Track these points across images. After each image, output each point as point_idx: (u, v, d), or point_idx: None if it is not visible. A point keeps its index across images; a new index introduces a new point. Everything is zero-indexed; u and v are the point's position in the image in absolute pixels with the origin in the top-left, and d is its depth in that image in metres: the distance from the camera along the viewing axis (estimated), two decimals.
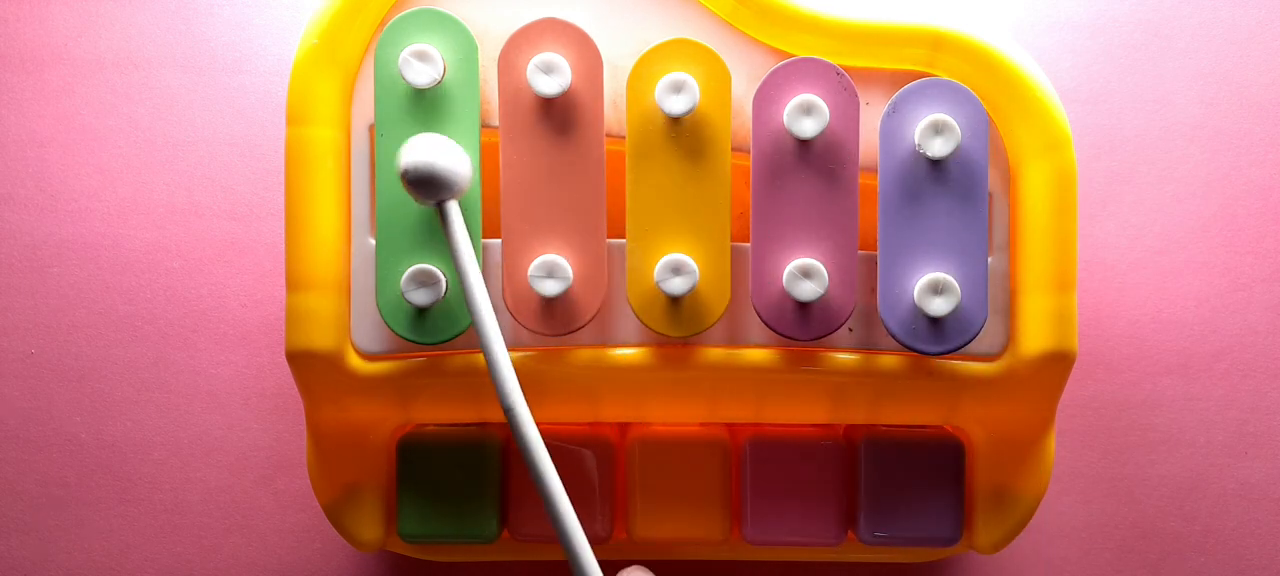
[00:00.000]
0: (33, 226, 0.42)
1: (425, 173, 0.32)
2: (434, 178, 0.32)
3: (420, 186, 0.32)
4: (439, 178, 0.32)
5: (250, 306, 0.42)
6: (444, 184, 0.32)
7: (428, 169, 0.32)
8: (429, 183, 0.32)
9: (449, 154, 0.32)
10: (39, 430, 0.42)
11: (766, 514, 0.37)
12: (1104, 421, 0.43)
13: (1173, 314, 0.42)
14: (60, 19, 0.42)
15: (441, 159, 0.32)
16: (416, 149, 0.32)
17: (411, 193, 0.32)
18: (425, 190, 0.32)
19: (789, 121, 0.34)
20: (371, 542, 0.38)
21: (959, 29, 0.35)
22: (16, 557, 0.42)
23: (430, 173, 0.32)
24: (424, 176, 0.32)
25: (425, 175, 0.32)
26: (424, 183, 0.32)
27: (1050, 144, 0.35)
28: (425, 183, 0.32)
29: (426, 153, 0.32)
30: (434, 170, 0.32)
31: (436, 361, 0.36)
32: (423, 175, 0.32)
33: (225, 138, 0.42)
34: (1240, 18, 0.43)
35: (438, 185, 0.32)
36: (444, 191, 0.32)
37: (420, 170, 0.32)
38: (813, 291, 0.34)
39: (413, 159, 0.32)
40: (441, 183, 0.32)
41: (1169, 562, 0.43)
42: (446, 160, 0.32)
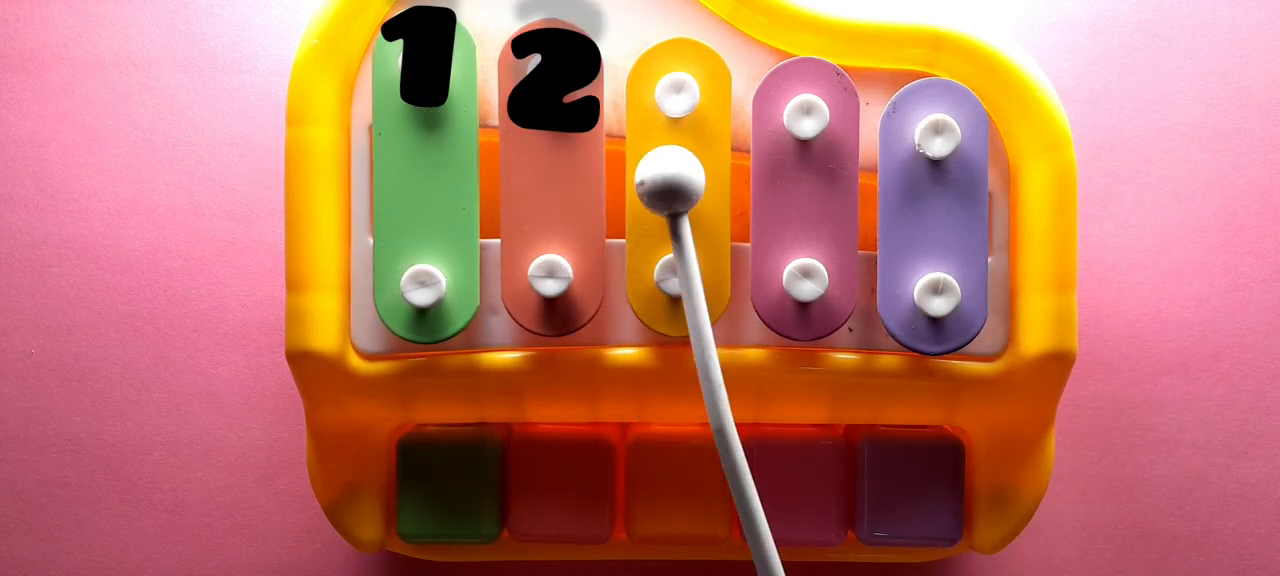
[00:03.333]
0: (33, 226, 0.42)
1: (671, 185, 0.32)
2: (678, 190, 0.32)
3: (662, 197, 0.32)
4: (683, 190, 0.32)
5: (250, 306, 0.42)
6: (686, 196, 0.32)
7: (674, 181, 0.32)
8: (672, 194, 0.32)
9: (691, 166, 0.32)
10: (39, 430, 0.42)
11: (766, 514, 0.37)
12: (1104, 421, 0.43)
13: (1173, 314, 0.42)
14: (60, 19, 0.42)
15: (686, 171, 0.32)
16: (662, 161, 0.32)
17: (649, 202, 0.33)
18: (665, 201, 0.32)
19: (789, 121, 0.34)
20: (371, 542, 0.38)
21: (959, 29, 0.35)
22: (16, 557, 0.42)
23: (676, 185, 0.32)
24: (669, 188, 0.32)
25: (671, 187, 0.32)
26: (668, 194, 0.32)
27: (1050, 144, 0.35)
28: (669, 194, 0.32)
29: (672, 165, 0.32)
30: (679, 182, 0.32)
31: (436, 361, 0.36)
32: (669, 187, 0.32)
33: (225, 138, 0.42)
34: (1240, 18, 0.43)
35: (680, 197, 0.32)
36: (682, 203, 0.32)
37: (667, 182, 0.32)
38: (813, 291, 0.34)
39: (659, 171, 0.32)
40: (683, 195, 0.32)
41: (1169, 562, 0.43)
42: (691, 173, 0.32)
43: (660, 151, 0.33)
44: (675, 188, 0.32)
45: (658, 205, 0.32)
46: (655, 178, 0.32)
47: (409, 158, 0.34)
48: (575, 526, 0.37)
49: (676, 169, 0.32)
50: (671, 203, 0.32)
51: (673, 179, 0.32)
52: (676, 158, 0.32)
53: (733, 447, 0.32)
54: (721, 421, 0.32)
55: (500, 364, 0.36)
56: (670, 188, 0.32)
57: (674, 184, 0.32)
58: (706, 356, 0.32)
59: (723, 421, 0.32)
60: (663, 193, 0.32)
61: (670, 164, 0.32)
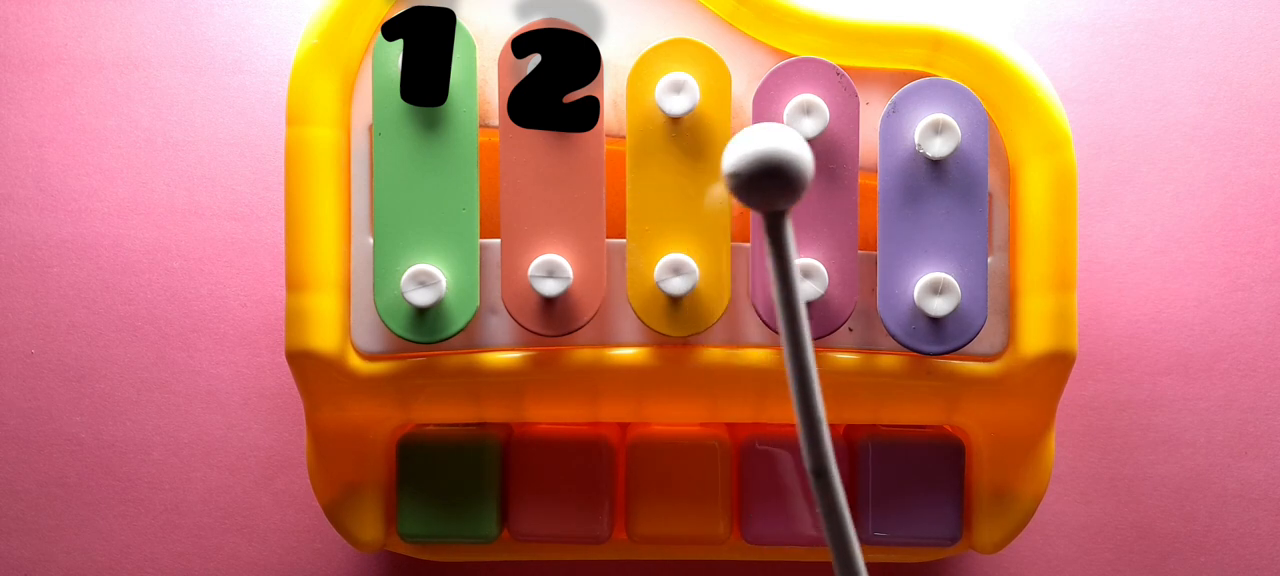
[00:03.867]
0: (33, 226, 0.42)
1: (777, 167, 0.24)
2: (787, 175, 0.24)
3: (764, 182, 0.24)
4: (793, 177, 0.25)
5: (250, 306, 0.42)
6: (794, 189, 0.25)
7: (779, 164, 0.24)
8: (779, 180, 0.25)
9: (800, 147, 0.25)
10: (39, 430, 0.42)
11: (766, 514, 0.37)
12: (1104, 421, 0.43)
13: (1173, 314, 0.42)
14: (60, 19, 0.42)
15: (794, 151, 0.24)
16: (765, 139, 0.24)
17: (745, 190, 0.25)
18: (765, 193, 0.25)
19: (789, 121, 0.34)
20: (371, 542, 0.38)
21: (959, 29, 0.35)
22: (16, 557, 0.42)
23: (782, 168, 0.24)
24: (777, 168, 0.24)
25: (776, 170, 0.24)
26: (773, 177, 0.24)
27: (1050, 144, 0.35)
28: (775, 179, 0.24)
29: (779, 143, 0.24)
30: (786, 165, 0.24)
31: (436, 361, 0.36)
32: (773, 168, 0.24)
33: (225, 138, 0.42)
34: (1240, 18, 0.43)
35: (787, 188, 0.25)
36: (786, 198, 0.25)
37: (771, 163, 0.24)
38: (813, 291, 0.34)
39: (761, 149, 0.24)
40: (792, 185, 0.25)
41: (1169, 562, 0.43)
42: (800, 154, 0.24)
43: (760, 129, 0.25)
44: (782, 172, 0.24)
45: (755, 197, 0.25)
46: (756, 158, 0.24)
47: (409, 158, 0.34)
48: (575, 526, 0.37)
49: (783, 147, 0.24)
50: (772, 195, 0.25)
51: (778, 160, 0.24)
52: (782, 136, 0.25)
53: (835, 491, 0.26)
54: (823, 463, 0.26)
55: (500, 364, 0.36)
56: (775, 170, 0.24)
57: (780, 167, 0.24)
58: (809, 392, 0.26)
59: (825, 463, 0.26)
60: (771, 175, 0.24)
61: (776, 141, 0.24)
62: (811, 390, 0.26)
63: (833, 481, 0.27)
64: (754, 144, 0.24)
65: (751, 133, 0.25)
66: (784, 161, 0.24)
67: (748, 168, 0.25)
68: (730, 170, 0.25)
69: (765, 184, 0.25)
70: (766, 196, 0.25)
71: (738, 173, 0.25)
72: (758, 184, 0.25)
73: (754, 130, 0.25)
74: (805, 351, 0.26)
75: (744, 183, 0.25)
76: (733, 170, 0.25)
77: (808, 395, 0.26)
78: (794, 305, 0.26)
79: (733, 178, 0.25)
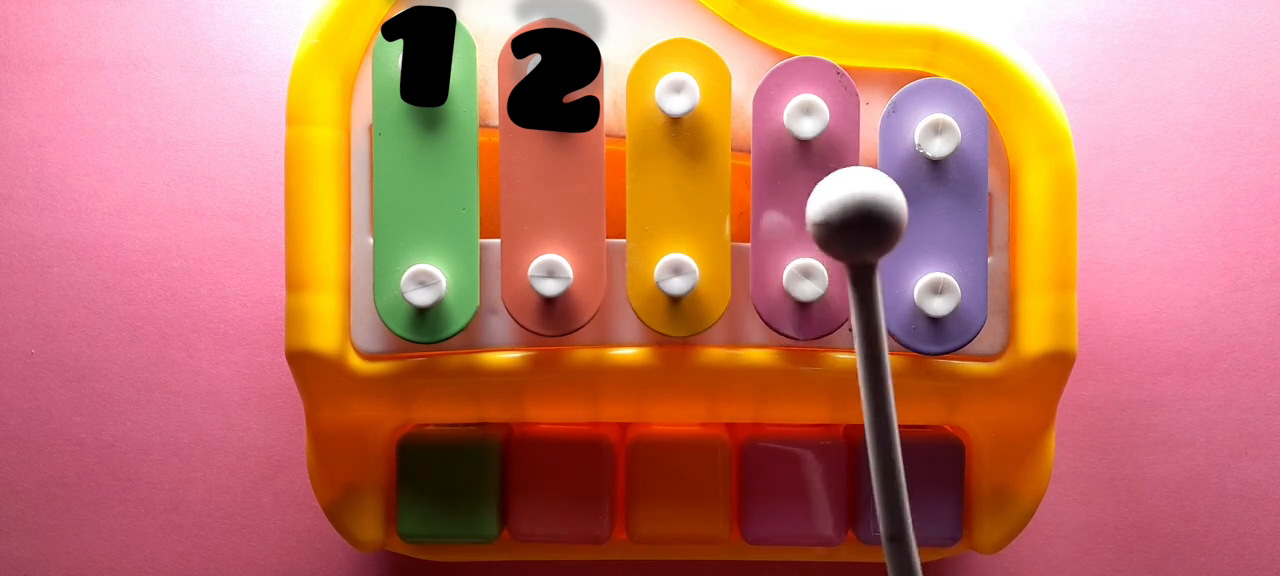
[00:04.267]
0: (33, 226, 0.42)
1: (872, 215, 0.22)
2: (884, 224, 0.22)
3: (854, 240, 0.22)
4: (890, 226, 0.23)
5: (250, 306, 0.42)
6: (889, 241, 0.23)
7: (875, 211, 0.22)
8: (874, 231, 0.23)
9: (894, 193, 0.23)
10: (39, 430, 0.42)
11: (766, 514, 0.37)
12: (1104, 421, 0.43)
13: (1173, 314, 0.42)
14: (60, 19, 0.42)
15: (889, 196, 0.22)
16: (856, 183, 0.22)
17: (833, 241, 0.23)
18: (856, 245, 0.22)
19: (789, 121, 0.34)
20: (371, 542, 0.38)
21: (959, 29, 0.35)
22: (16, 557, 0.42)
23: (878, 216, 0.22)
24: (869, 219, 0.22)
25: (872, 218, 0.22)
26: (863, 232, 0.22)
27: (1050, 144, 0.35)
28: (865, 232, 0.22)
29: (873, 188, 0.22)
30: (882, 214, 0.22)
31: (436, 361, 0.36)
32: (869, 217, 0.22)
33: (225, 138, 0.42)
34: (1240, 18, 0.43)
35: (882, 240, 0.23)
36: (878, 247, 0.23)
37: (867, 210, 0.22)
38: (813, 291, 0.34)
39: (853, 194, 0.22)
40: (887, 237, 0.23)
41: (1169, 562, 0.43)
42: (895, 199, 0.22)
43: (852, 173, 0.23)
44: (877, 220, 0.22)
45: (841, 248, 0.23)
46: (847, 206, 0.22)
47: (409, 158, 0.34)
48: (575, 526, 0.37)
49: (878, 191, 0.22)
50: (863, 247, 0.23)
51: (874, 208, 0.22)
52: (877, 182, 0.22)
53: (910, 557, 0.25)
54: (900, 529, 0.25)
55: (500, 364, 0.36)
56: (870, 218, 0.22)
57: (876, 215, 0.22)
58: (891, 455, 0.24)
59: (903, 529, 0.25)
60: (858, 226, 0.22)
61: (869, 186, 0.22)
62: (894, 454, 0.24)
63: (909, 548, 0.25)
64: (847, 189, 0.22)
65: (844, 177, 0.22)
66: (880, 209, 0.22)
67: (839, 216, 0.22)
68: (819, 218, 0.22)
69: (858, 234, 0.22)
70: (857, 248, 0.22)
71: (827, 222, 0.22)
72: (849, 234, 0.22)
73: (846, 175, 0.22)
74: (890, 416, 0.23)
75: (834, 232, 0.22)
76: (822, 219, 0.22)
77: (890, 459, 0.24)
78: (881, 368, 0.23)
79: (821, 227, 0.22)
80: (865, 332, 0.23)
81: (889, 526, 0.25)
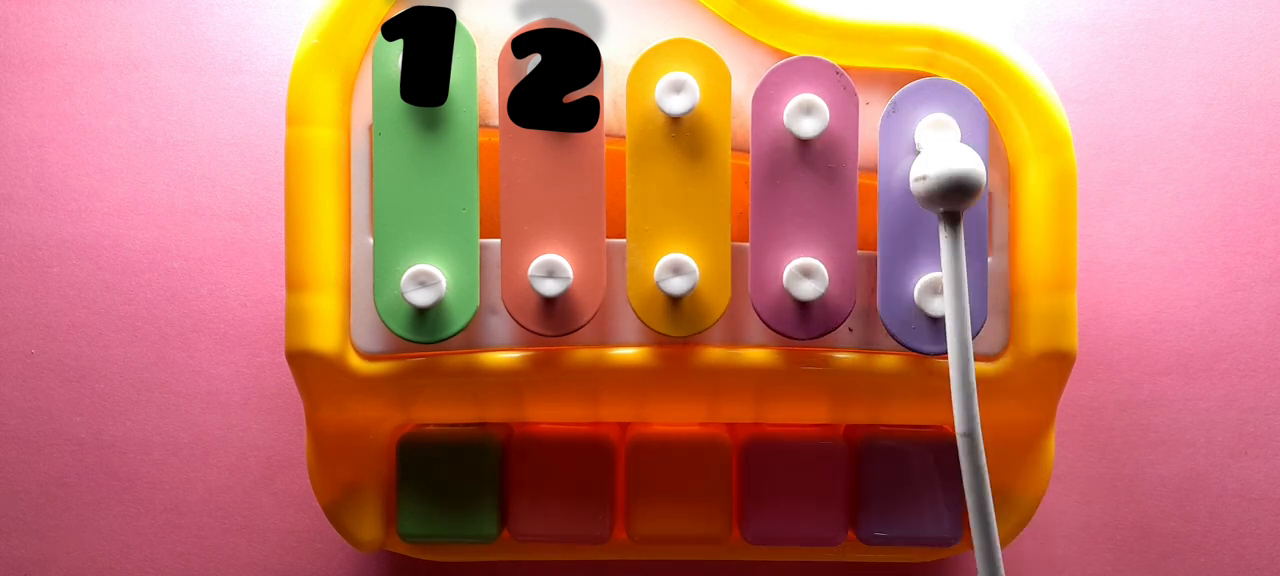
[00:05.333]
0: (33, 226, 0.42)
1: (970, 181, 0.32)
2: (971, 187, 0.32)
3: (955, 194, 0.32)
4: (974, 187, 0.32)
5: (250, 306, 0.42)
6: (972, 191, 0.32)
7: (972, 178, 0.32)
8: (964, 192, 0.32)
9: (977, 161, 0.32)
10: (39, 430, 0.42)
11: (766, 514, 0.37)
12: (1104, 421, 0.43)
13: (1173, 314, 0.42)
14: (60, 19, 0.42)
15: (976, 166, 0.32)
16: (961, 156, 0.32)
17: (937, 200, 0.32)
18: (953, 199, 0.32)
19: (789, 121, 0.34)
20: (371, 542, 0.38)
21: (959, 29, 0.35)
22: (16, 557, 0.42)
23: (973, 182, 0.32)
24: (967, 185, 0.32)
25: (962, 182, 0.32)
26: (961, 191, 0.32)
27: (1050, 144, 0.35)
28: (962, 191, 0.32)
29: (970, 160, 0.32)
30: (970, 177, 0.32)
31: (436, 361, 0.36)
32: (966, 183, 0.32)
33: (225, 138, 0.42)
34: (1240, 18, 0.43)
35: (968, 194, 0.32)
36: (966, 197, 0.32)
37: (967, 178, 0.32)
38: (813, 291, 0.34)
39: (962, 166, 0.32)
40: (972, 191, 0.32)
41: (1169, 562, 0.43)
42: (978, 166, 0.32)
43: (957, 147, 0.32)
44: (964, 184, 0.32)
45: (945, 201, 0.32)
46: (944, 173, 0.32)
47: (409, 158, 0.34)
48: (575, 526, 0.37)
49: (968, 165, 0.32)
50: (959, 199, 0.32)
51: (963, 176, 0.31)
52: (966, 155, 0.32)
53: (978, 452, 0.32)
54: (970, 426, 0.32)
55: (500, 364, 0.36)
56: (959, 184, 0.32)
57: (963, 181, 0.31)
58: (965, 363, 0.32)
59: (973, 426, 0.32)
60: (950, 189, 0.32)
61: (962, 160, 0.32)
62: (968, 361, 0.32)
63: (977, 443, 0.32)
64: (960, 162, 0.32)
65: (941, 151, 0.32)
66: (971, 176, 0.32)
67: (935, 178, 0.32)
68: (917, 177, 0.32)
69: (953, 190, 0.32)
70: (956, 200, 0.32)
71: (923, 178, 0.32)
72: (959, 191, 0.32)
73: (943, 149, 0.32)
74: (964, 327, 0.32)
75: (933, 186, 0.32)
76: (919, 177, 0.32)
77: (965, 366, 0.32)
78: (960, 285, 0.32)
79: (920, 180, 0.32)
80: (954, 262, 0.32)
81: (961, 424, 0.32)
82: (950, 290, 0.32)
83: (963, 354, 0.32)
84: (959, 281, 0.32)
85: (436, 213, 0.34)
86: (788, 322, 0.35)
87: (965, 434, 0.32)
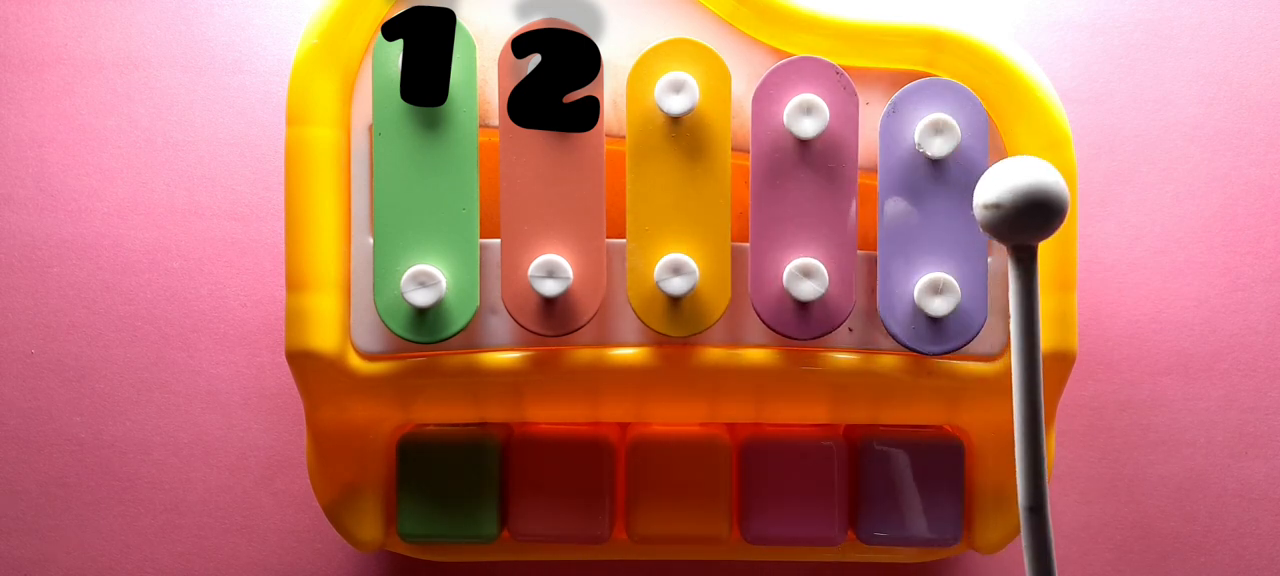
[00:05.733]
0: (33, 226, 0.42)
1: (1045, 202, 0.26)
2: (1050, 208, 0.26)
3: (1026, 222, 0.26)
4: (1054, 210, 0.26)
5: (250, 306, 0.42)
6: (1054, 219, 0.26)
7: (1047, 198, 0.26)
8: (1042, 216, 0.26)
9: (1060, 182, 0.26)
10: (39, 430, 0.42)
11: (766, 514, 0.37)
12: (1104, 421, 0.43)
13: (1173, 314, 0.42)
14: (60, 19, 0.42)
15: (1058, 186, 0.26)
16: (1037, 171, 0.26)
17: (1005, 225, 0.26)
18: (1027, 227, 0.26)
19: (789, 121, 0.34)
20: (371, 542, 0.38)
21: (959, 29, 0.35)
22: (16, 557, 0.42)
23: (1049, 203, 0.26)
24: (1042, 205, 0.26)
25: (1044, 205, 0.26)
26: (1036, 216, 0.26)
27: (1050, 144, 0.35)
28: (1038, 216, 0.26)
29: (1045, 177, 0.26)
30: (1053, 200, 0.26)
31: (436, 361, 0.36)
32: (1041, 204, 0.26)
33: (225, 138, 0.42)
34: (1240, 18, 0.43)
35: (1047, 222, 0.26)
36: (1044, 230, 0.26)
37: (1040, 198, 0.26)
38: (813, 291, 0.34)
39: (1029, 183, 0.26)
40: (1053, 217, 0.26)
41: (1169, 562, 0.43)
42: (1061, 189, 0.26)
43: (1021, 163, 0.26)
44: (1048, 206, 0.25)
45: (1010, 232, 0.26)
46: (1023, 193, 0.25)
47: (409, 158, 0.34)
48: (575, 526, 0.37)
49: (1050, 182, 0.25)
50: (1032, 230, 0.26)
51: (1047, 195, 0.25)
52: (1045, 171, 0.26)
53: (1045, 530, 0.28)
54: (1038, 500, 0.28)
55: (500, 364, 0.36)
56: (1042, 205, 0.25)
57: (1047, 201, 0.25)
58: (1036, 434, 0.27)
59: (1041, 500, 0.28)
60: (1031, 212, 0.25)
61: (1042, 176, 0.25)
62: (1039, 426, 0.27)
63: (1046, 519, 0.28)
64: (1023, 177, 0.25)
65: (1018, 166, 0.26)
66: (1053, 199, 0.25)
67: (1010, 204, 0.25)
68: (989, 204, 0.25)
69: (1034, 218, 0.25)
70: (1027, 232, 0.25)
71: (999, 204, 0.25)
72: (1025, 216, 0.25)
73: (1019, 164, 0.26)
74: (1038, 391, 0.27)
75: (1009, 214, 0.26)
76: (993, 201, 0.25)
77: (1036, 431, 0.27)
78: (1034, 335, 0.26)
79: (992, 209, 0.26)
80: (1025, 307, 0.27)
81: (1029, 497, 0.28)
82: (1019, 347, 0.27)
83: (1032, 422, 0.27)
84: (1032, 335, 0.27)
85: (436, 213, 0.34)
86: (788, 322, 0.35)
87: (1031, 509, 0.28)
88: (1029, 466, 0.28)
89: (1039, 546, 0.28)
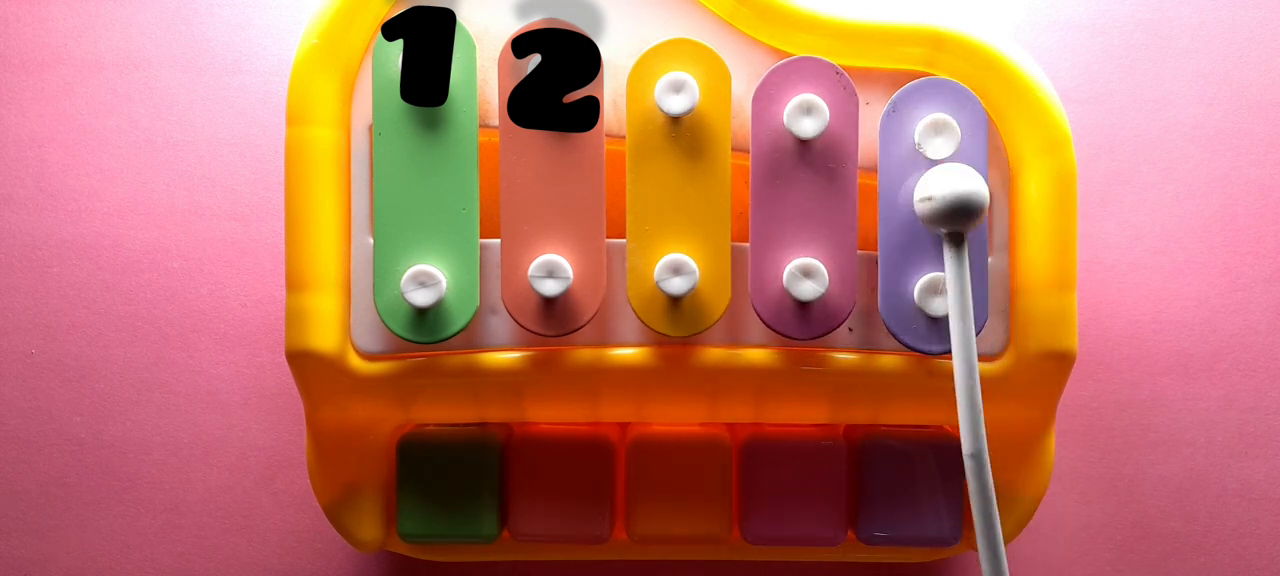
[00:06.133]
0: (33, 226, 0.42)
1: (965, 204, 0.32)
2: (970, 208, 0.32)
3: (959, 216, 0.32)
4: (973, 208, 0.32)
5: (250, 306, 0.42)
6: (975, 214, 0.32)
7: (968, 200, 0.32)
8: (963, 212, 0.32)
9: (981, 184, 0.33)
10: (39, 430, 0.42)
11: (766, 514, 0.37)
12: (1104, 421, 0.43)
13: (1173, 314, 0.42)
14: (60, 19, 0.42)
15: (979, 189, 0.32)
16: (965, 178, 0.32)
17: (941, 221, 0.33)
18: (957, 220, 0.33)
19: (789, 121, 0.34)
20: (371, 542, 0.38)
21: (959, 29, 0.35)
22: (17, 557, 0.42)
23: (969, 203, 0.32)
24: (962, 206, 0.32)
25: (964, 205, 0.32)
26: (965, 213, 0.32)
27: (1050, 144, 0.35)
28: (966, 214, 0.32)
29: (974, 183, 0.32)
30: (973, 201, 0.32)
31: (436, 361, 0.36)
32: (962, 205, 0.32)
33: (225, 138, 0.42)
34: (1240, 18, 0.43)
35: (972, 216, 0.32)
36: (969, 220, 0.33)
37: (962, 200, 0.32)
38: (813, 291, 0.34)
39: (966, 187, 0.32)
40: (975, 214, 0.32)
41: (1169, 562, 0.43)
42: (981, 190, 0.33)
43: (957, 170, 0.33)
44: (968, 206, 0.32)
45: (949, 223, 0.33)
46: (949, 195, 0.32)
47: (409, 158, 0.34)
48: (575, 526, 0.37)
49: (972, 187, 0.32)
50: (962, 221, 0.32)
51: (968, 197, 0.32)
52: (970, 177, 0.33)
53: (985, 473, 0.32)
54: (977, 447, 0.32)
55: (500, 364, 0.36)
56: (963, 206, 0.32)
57: (968, 203, 0.32)
58: (972, 383, 0.32)
59: (979, 447, 0.32)
60: (954, 211, 0.32)
61: (966, 182, 0.32)
62: (975, 379, 0.32)
63: (984, 465, 0.32)
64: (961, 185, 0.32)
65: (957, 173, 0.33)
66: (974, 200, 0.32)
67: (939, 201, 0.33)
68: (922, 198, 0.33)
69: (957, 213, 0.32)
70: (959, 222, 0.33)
71: (929, 199, 0.33)
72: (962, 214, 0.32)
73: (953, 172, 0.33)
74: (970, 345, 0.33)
75: (936, 209, 0.33)
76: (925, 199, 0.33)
77: (972, 383, 0.32)
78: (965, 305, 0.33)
79: (924, 200, 0.33)
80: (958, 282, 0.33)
81: (968, 444, 0.32)
82: (955, 310, 0.32)
83: (969, 374, 0.32)
84: (964, 300, 0.32)
85: (436, 213, 0.34)
86: (788, 322, 0.35)
87: (972, 454, 0.32)
88: (969, 416, 0.32)
89: (981, 488, 0.32)
